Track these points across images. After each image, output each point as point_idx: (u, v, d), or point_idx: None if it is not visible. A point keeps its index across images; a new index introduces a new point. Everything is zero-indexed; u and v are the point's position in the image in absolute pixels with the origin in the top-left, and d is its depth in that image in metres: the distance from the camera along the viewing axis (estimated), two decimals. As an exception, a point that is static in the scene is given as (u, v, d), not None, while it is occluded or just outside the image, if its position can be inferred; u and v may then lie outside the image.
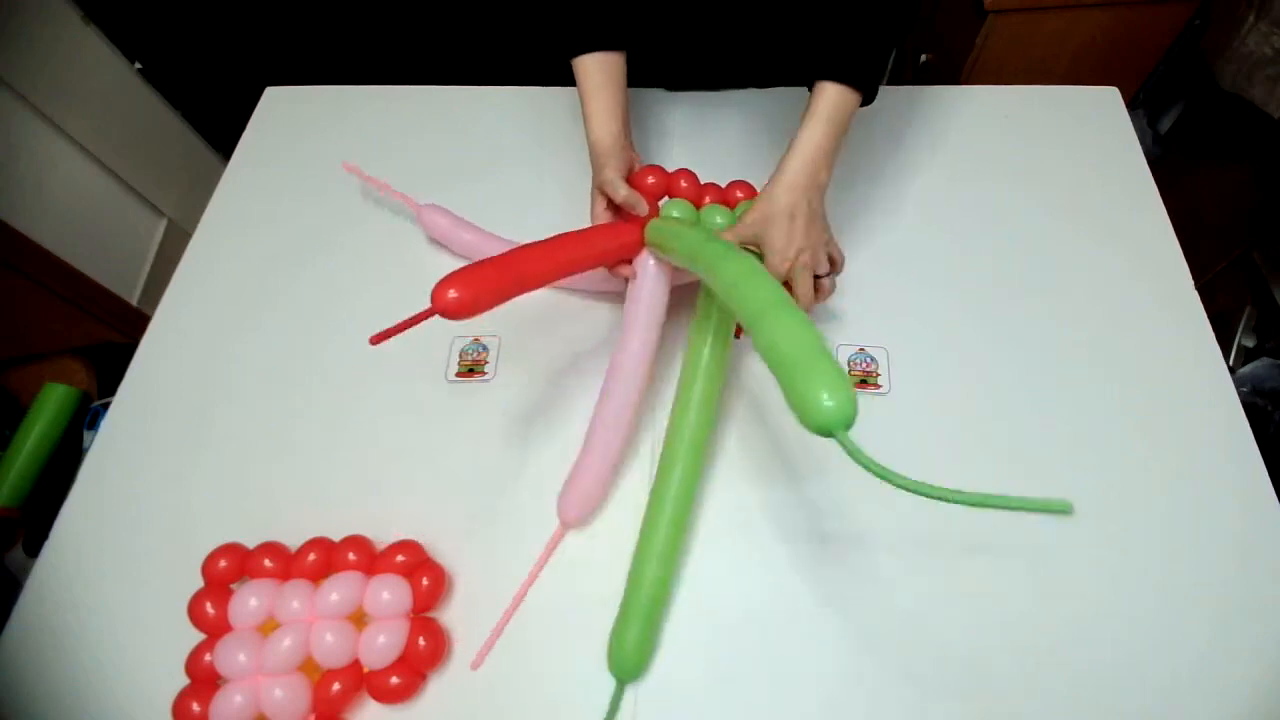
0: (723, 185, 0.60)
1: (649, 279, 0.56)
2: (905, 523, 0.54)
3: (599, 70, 0.57)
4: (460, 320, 0.46)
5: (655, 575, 0.49)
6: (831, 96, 0.51)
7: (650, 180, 0.57)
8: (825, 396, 0.37)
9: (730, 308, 0.45)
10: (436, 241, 0.69)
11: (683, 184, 0.58)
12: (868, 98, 0.52)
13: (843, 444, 0.37)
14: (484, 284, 0.47)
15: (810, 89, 0.54)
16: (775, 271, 0.52)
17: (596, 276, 0.60)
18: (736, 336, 0.61)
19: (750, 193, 0.59)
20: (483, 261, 0.49)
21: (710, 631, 0.51)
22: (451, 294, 0.46)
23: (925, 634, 0.50)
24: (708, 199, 0.58)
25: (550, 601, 0.52)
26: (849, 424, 0.37)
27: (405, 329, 0.45)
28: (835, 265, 0.55)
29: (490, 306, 0.48)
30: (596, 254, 0.55)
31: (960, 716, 0.48)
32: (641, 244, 0.56)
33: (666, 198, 0.59)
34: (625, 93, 0.58)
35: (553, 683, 0.50)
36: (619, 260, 0.57)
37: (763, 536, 0.54)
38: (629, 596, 0.50)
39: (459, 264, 0.67)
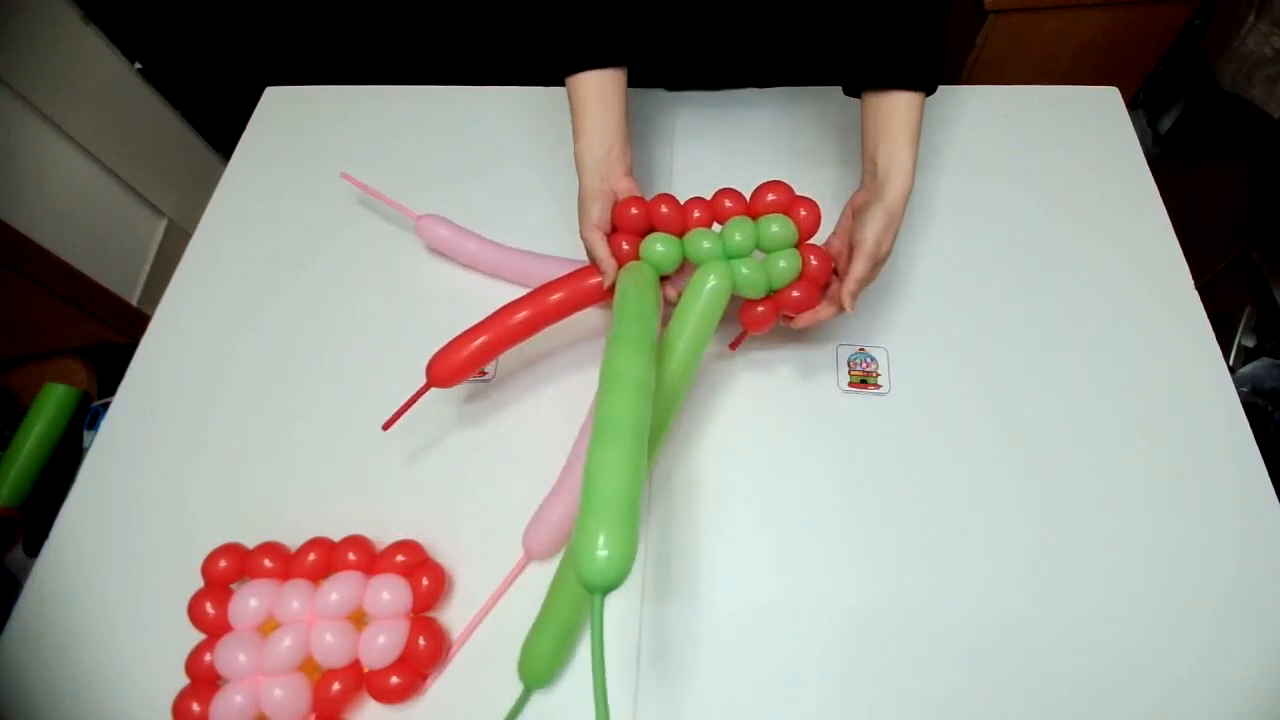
0: (708, 197, 0.55)
1: None
2: (905, 522, 0.55)
3: (590, 89, 0.54)
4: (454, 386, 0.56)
5: (576, 594, 0.48)
6: (917, 107, 0.52)
7: (633, 211, 0.54)
8: (602, 542, 0.35)
9: (599, 395, 0.44)
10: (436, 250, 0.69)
11: (663, 210, 0.54)
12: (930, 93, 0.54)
13: (594, 606, 0.35)
14: (473, 355, 0.54)
15: (859, 90, 0.54)
16: (865, 277, 0.51)
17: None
18: (731, 348, 0.61)
19: (739, 200, 0.54)
20: (469, 332, 0.55)
21: (708, 631, 0.51)
22: (444, 367, 0.54)
23: (925, 634, 0.50)
24: (696, 212, 0.54)
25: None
26: (612, 586, 0.36)
27: (410, 407, 0.55)
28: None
29: (480, 368, 0.57)
30: (582, 298, 0.56)
31: (960, 716, 0.48)
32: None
33: (652, 229, 0.55)
34: (622, 110, 0.56)
35: (553, 682, 0.50)
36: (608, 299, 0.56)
37: (761, 536, 0.55)
38: (549, 608, 0.49)
39: (459, 267, 0.68)
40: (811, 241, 0.54)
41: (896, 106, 0.52)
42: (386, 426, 0.55)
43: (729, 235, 0.52)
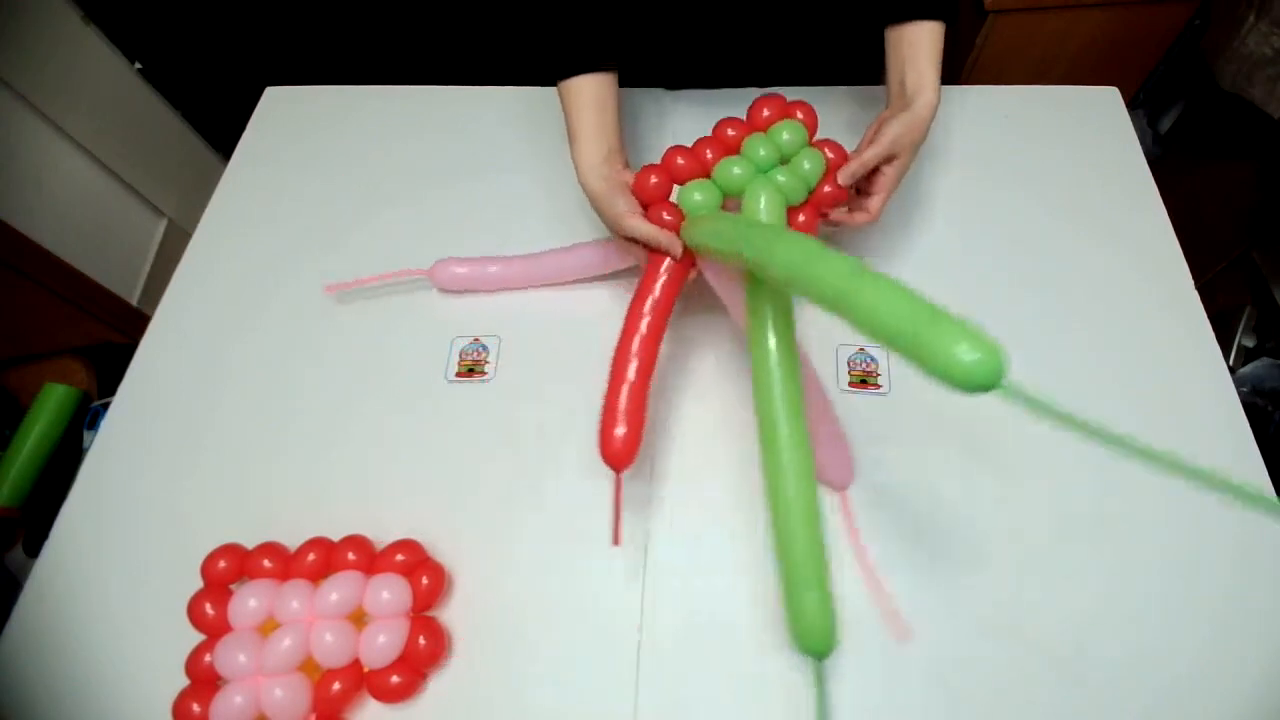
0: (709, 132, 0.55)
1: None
2: (904, 522, 0.55)
3: (585, 93, 0.54)
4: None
5: (807, 535, 0.44)
6: (940, 35, 0.54)
7: (654, 180, 0.53)
8: (964, 350, 0.34)
9: (798, 292, 0.40)
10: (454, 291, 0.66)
11: (680, 161, 0.53)
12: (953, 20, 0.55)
13: (1010, 394, 0.33)
14: (635, 422, 0.50)
15: (883, 24, 0.55)
16: (893, 184, 0.54)
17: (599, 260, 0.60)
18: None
19: (740, 125, 0.54)
20: (615, 403, 0.50)
21: (708, 629, 0.51)
22: (621, 453, 0.49)
23: (923, 633, 0.50)
24: (708, 151, 0.53)
25: (556, 604, 0.52)
26: (1003, 372, 0.33)
27: (620, 510, 0.47)
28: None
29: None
30: (673, 286, 0.54)
31: (960, 716, 0.48)
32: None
33: (676, 187, 0.54)
34: (616, 113, 0.55)
35: (554, 683, 0.50)
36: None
37: (761, 536, 0.54)
38: (790, 564, 0.44)
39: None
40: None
41: (921, 34, 0.53)
42: (616, 541, 0.47)
43: (752, 152, 0.52)
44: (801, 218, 0.54)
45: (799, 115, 0.54)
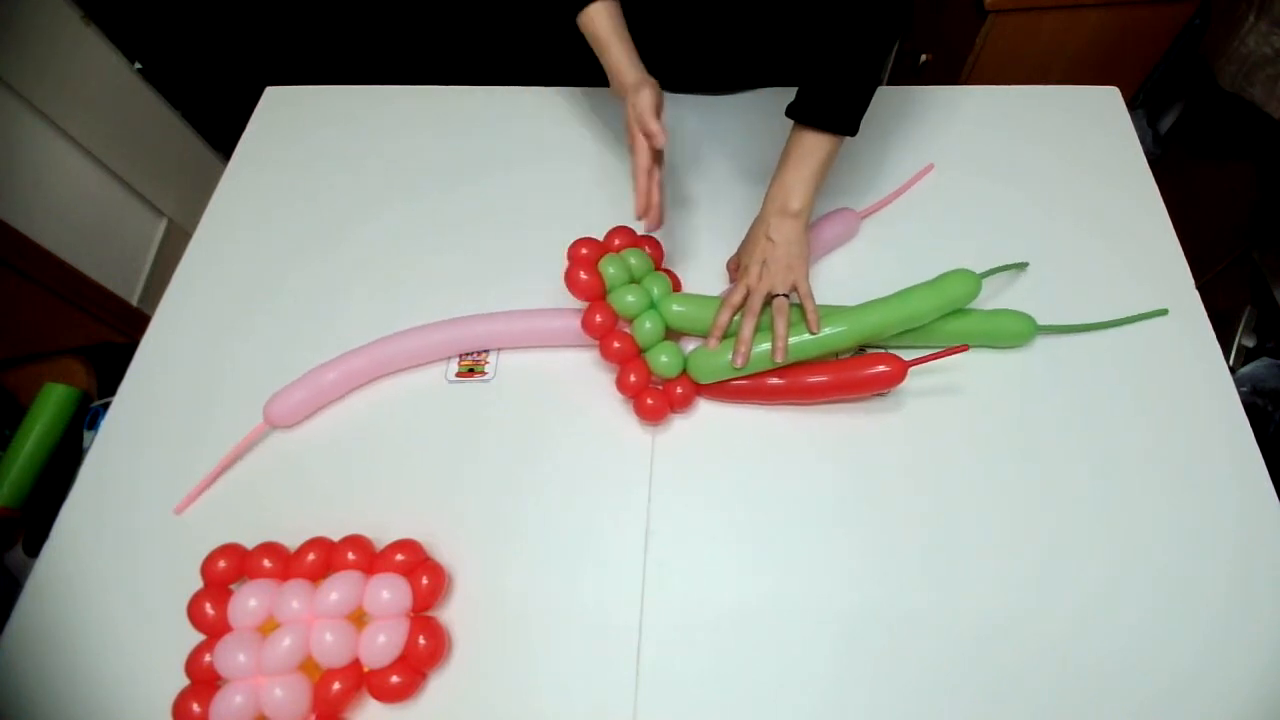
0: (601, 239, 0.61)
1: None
2: (905, 520, 0.55)
3: (610, 17, 0.58)
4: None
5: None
6: (808, 142, 0.56)
7: (584, 251, 0.59)
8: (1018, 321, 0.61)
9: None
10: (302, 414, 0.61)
11: (584, 252, 0.59)
12: (850, 134, 0.56)
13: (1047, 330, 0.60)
14: None
15: (790, 117, 0.57)
16: (740, 288, 0.57)
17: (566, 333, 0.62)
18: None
19: (628, 238, 0.61)
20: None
21: (709, 631, 0.51)
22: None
23: (924, 633, 0.50)
24: (617, 241, 0.60)
25: (556, 605, 0.52)
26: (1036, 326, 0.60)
27: None
28: (800, 295, 0.58)
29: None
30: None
31: (961, 714, 0.48)
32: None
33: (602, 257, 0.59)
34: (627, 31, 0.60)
35: (553, 682, 0.50)
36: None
37: (762, 536, 0.55)
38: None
39: (458, 268, 0.68)
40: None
41: (796, 142, 0.57)
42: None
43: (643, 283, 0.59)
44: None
45: (646, 250, 0.61)
